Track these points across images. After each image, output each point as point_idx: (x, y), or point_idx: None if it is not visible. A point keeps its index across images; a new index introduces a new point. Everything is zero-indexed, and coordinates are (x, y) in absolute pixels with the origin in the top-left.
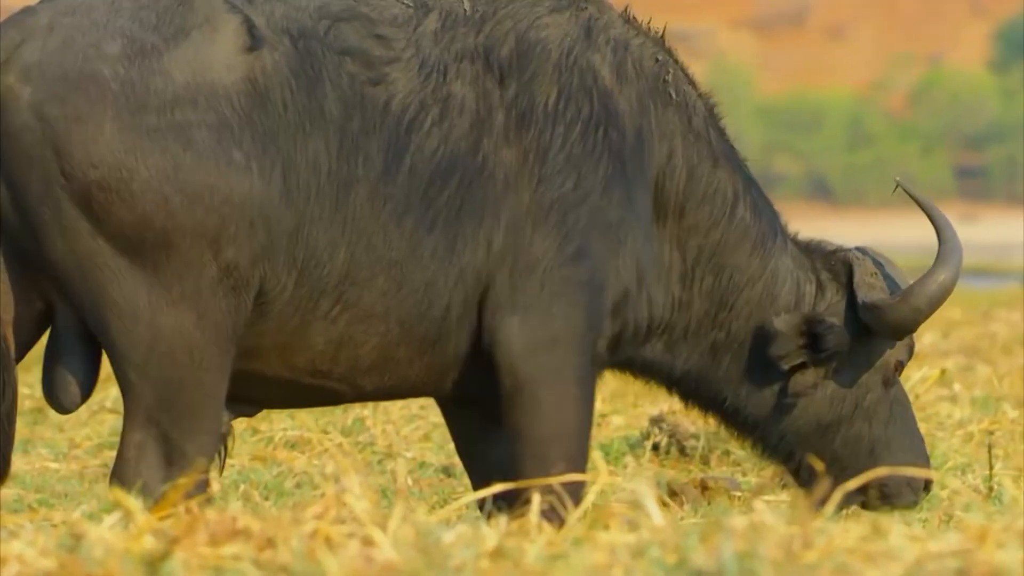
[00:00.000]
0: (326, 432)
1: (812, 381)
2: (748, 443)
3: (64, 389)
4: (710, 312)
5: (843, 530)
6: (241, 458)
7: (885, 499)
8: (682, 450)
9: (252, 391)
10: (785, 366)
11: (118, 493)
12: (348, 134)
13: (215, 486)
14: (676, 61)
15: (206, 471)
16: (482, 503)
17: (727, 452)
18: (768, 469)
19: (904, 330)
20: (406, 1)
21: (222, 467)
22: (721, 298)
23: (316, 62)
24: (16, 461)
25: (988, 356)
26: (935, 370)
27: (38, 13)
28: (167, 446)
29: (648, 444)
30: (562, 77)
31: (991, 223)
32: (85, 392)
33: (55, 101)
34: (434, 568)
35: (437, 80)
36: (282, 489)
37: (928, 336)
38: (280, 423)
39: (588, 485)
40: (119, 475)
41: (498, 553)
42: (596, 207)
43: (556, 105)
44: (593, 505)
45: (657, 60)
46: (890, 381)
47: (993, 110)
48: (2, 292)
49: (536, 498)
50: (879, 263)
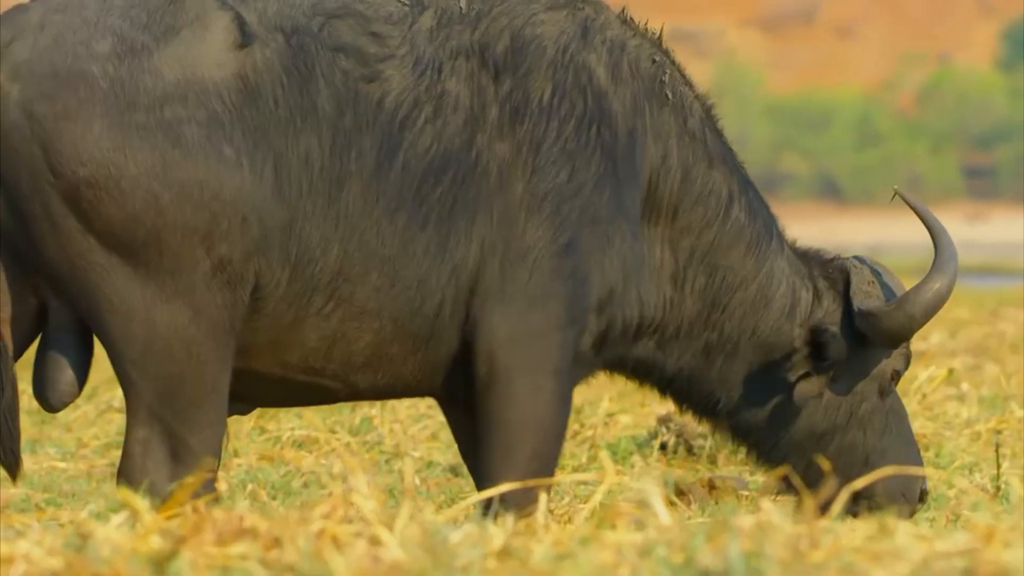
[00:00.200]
0: (333, 431)
1: (816, 389)
2: (743, 449)
3: (52, 387)
4: (702, 312)
5: (850, 529)
6: (248, 457)
7: (879, 509)
8: (689, 449)
9: (246, 389)
10: (791, 377)
11: (125, 492)
12: (341, 130)
13: (222, 485)
14: (673, 62)
15: (213, 470)
16: (488, 503)
17: (735, 452)
18: (777, 469)
19: (899, 338)
20: None
21: (218, 464)
22: (714, 299)
23: (309, 59)
24: (24, 460)
25: (996, 355)
26: (943, 369)
27: (29, 11)
28: (172, 442)
29: (656, 443)
30: (557, 74)
31: (999, 222)
32: (75, 391)
33: (44, 99)
34: (441, 567)
35: (431, 77)
36: (289, 488)
37: (936, 335)
38: (287, 422)
39: (595, 484)
40: (125, 473)
41: (505, 552)
42: (588, 202)
43: (551, 101)
44: (600, 504)
45: (654, 61)
46: (886, 391)
47: (1001, 109)
48: (0, 290)
49: (544, 497)
50: (876, 272)
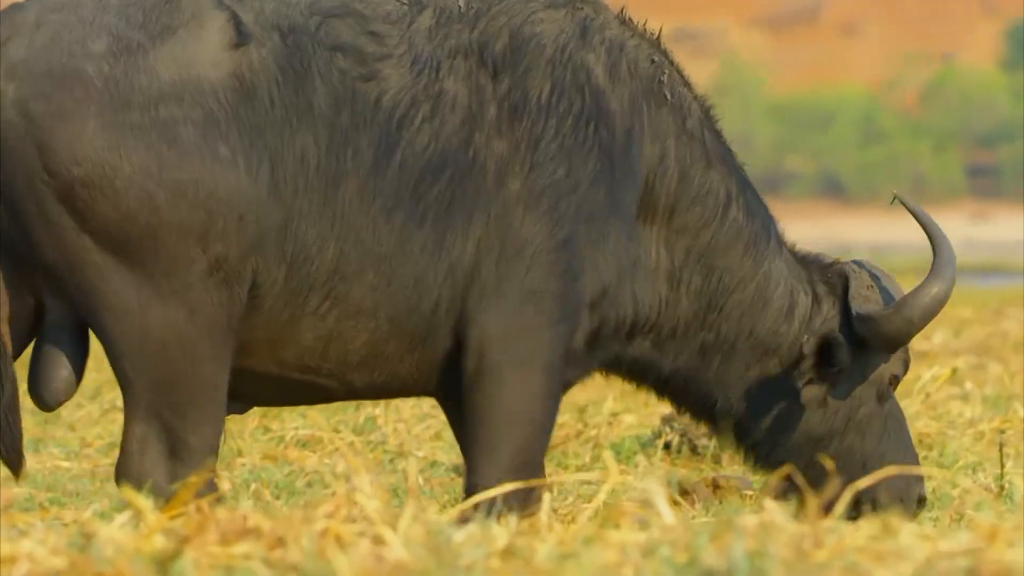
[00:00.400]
0: (337, 431)
1: (822, 395)
2: (740, 452)
3: (47, 386)
4: (699, 313)
5: (853, 529)
6: (252, 457)
7: (876, 513)
8: (694, 449)
9: (242, 387)
10: (795, 381)
11: (128, 492)
12: (337, 129)
13: (226, 485)
14: (672, 63)
15: (213, 468)
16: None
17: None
18: (781, 469)
19: (897, 341)
20: None
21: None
22: (710, 299)
23: (305, 58)
24: (28, 460)
25: (999, 354)
26: (946, 369)
27: (26, 10)
28: (170, 439)
29: (660, 443)
30: (555, 72)
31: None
32: (69, 390)
33: (39, 98)
34: (444, 567)
35: (429, 76)
36: (293, 488)
37: (939, 335)
38: (291, 422)
39: (599, 484)
40: (123, 470)
41: (508, 552)
42: (584, 199)
43: (549, 98)
44: (604, 504)
45: (653, 61)
46: (884, 396)
47: (1004, 109)
48: None
49: (547, 497)
50: (875, 276)
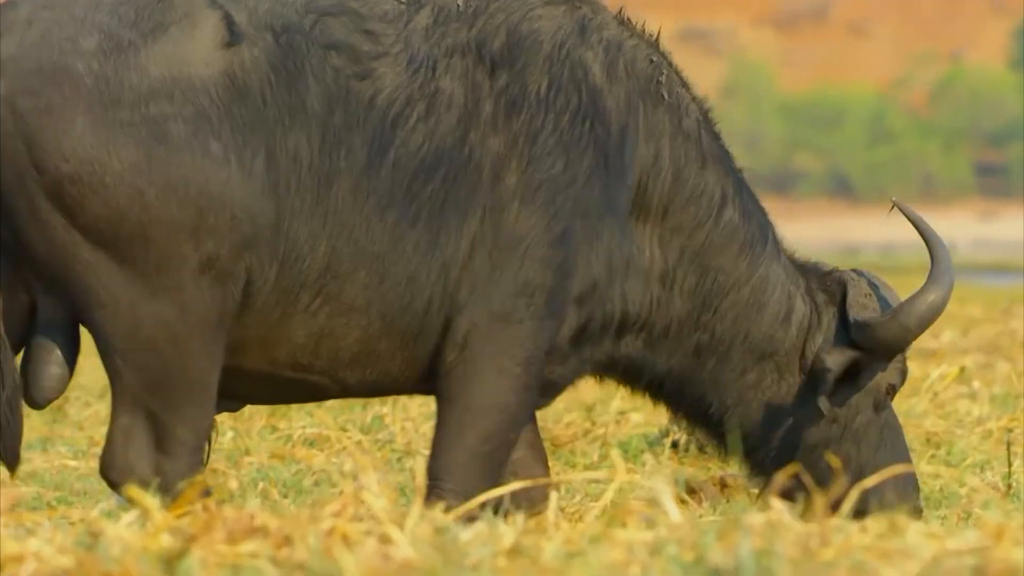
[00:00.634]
0: (345, 430)
1: (826, 407)
2: (735, 458)
3: (36, 384)
4: (692, 313)
5: (860, 528)
6: (260, 456)
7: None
8: (701, 447)
9: (234, 386)
10: (823, 394)
11: (135, 491)
12: (330, 128)
13: (233, 483)
14: (670, 63)
15: (201, 464)
16: (496, 501)
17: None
18: (787, 468)
19: (894, 349)
20: None
21: (207, 460)
22: (704, 300)
23: (299, 57)
24: (35, 459)
25: (1008, 353)
26: (954, 367)
27: (18, 7)
28: (156, 430)
29: (667, 441)
30: (553, 68)
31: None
32: (58, 389)
33: (28, 95)
34: (451, 566)
35: (425, 75)
36: (300, 487)
37: (947, 333)
38: (299, 421)
39: (606, 483)
40: (107, 460)
41: (515, 551)
42: (580, 194)
43: (547, 94)
44: (611, 502)
45: (651, 61)
46: (881, 405)
47: (1013, 107)
48: None
49: (554, 496)
50: (874, 284)
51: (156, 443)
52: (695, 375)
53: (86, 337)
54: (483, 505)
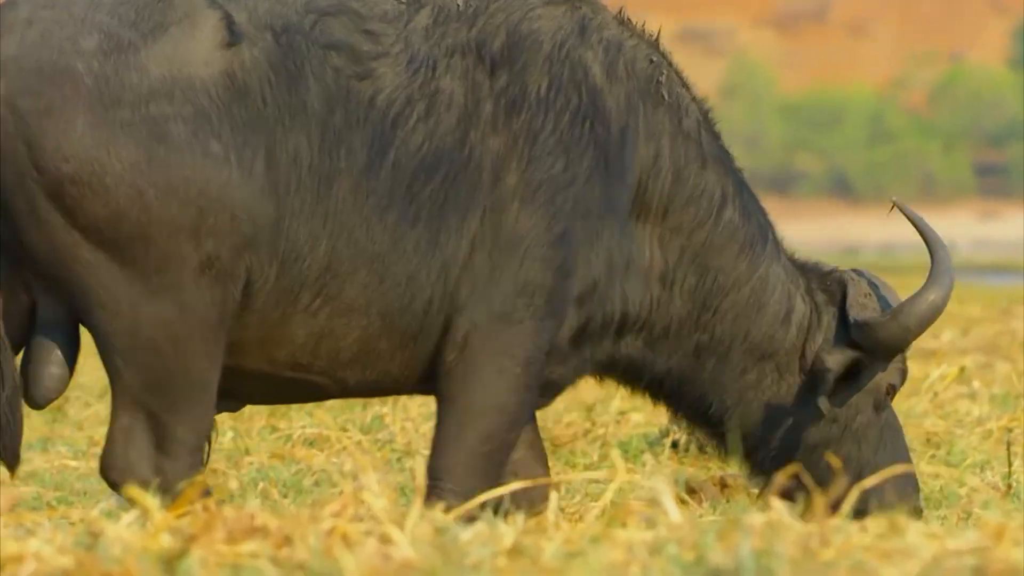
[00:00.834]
0: (345, 430)
1: (827, 407)
2: (736, 458)
3: (36, 384)
4: (692, 313)
5: (860, 528)
6: (260, 456)
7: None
8: (701, 447)
9: (234, 385)
10: (821, 394)
11: (135, 491)
12: (330, 128)
13: (234, 483)
14: (670, 63)
15: (201, 464)
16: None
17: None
18: (787, 468)
19: (894, 349)
20: None
21: (207, 460)
22: (704, 300)
23: (299, 57)
24: (35, 459)
25: (1007, 353)
26: (954, 367)
27: (18, 7)
28: (156, 431)
29: (667, 441)
30: (553, 68)
31: (1011, 220)
32: (59, 389)
33: (28, 95)
34: (451, 566)
35: (425, 75)
36: (300, 487)
37: (947, 333)
38: (299, 421)
39: (606, 483)
40: (107, 461)
41: (515, 551)
42: (580, 194)
43: (547, 94)
44: (611, 502)
45: (651, 61)
46: (881, 405)
47: (1013, 107)
48: None
49: (554, 496)
50: (874, 284)
51: (156, 443)
52: (695, 375)
53: (86, 337)
54: (483, 505)
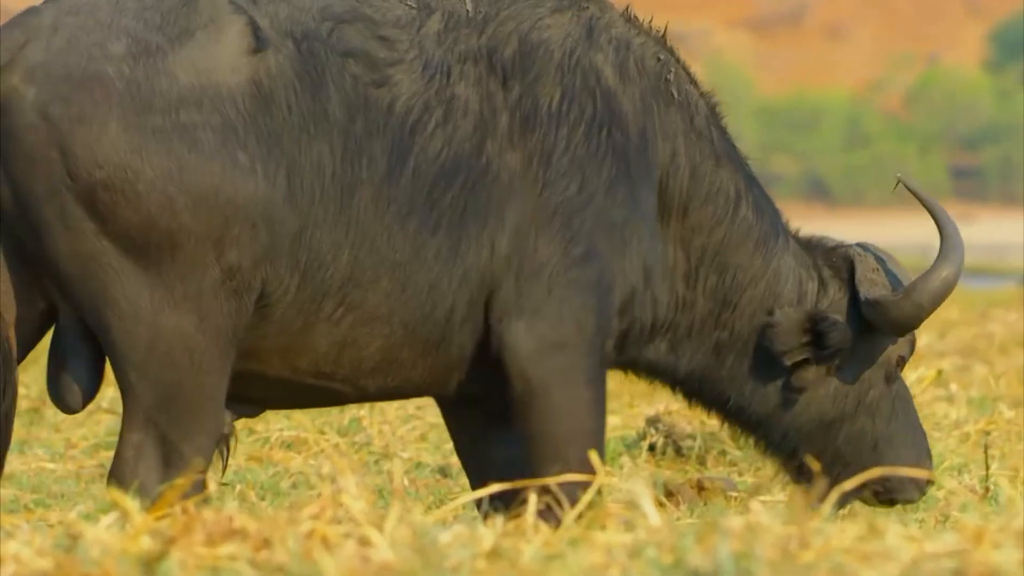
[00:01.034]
0: (322, 432)
1: (813, 377)
2: (751, 441)
3: (69, 389)
4: (713, 311)
5: (840, 530)
6: (237, 458)
7: (887, 494)
8: (678, 450)
9: (254, 392)
10: (788, 362)
11: (115, 493)
12: (352, 136)
13: (211, 486)
14: (677, 60)
15: (203, 471)
16: (479, 503)
17: (723, 452)
18: (765, 469)
19: (907, 326)
20: (409, 2)
21: (224, 467)
22: (724, 297)
23: (320, 64)
24: (12, 461)
25: (985, 356)
26: (932, 370)
27: (42, 13)
28: (165, 447)
29: (644, 444)
30: (565, 78)
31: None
32: (90, 391)
33: (60, 101)
34: (430, 568)
35: (441, 82)
36: (278, 489)
37: (925, 336)
38: (276, 423)
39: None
40: (117, 475)
41: (495, 553)
42: (601, 209)
43: (560, 106)
44: (589, 505)
45: (659, 59)
46: (892, 377)
47: (989, 110)
48: (3, 292)
49: (533, 498)
50: (881, 259)
51: (165, 458)
52: (715, 373)
53: None
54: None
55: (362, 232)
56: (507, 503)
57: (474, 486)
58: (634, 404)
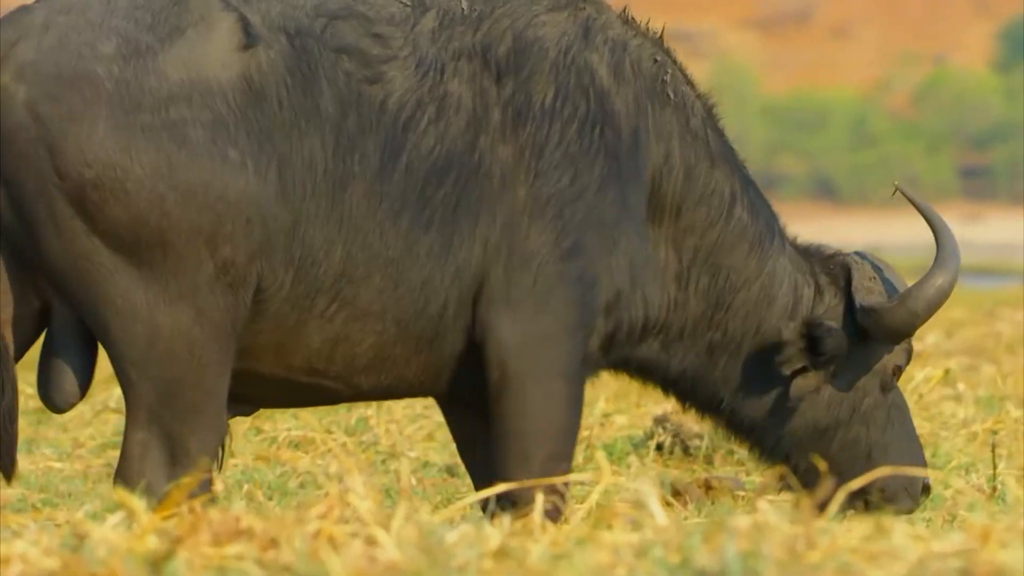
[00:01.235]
0: (330, 432)
1: (814, 384)
2: (745, 445)
3: (58, 388)
4: (706, 312)
5: (846, 530)
6: (245, 458)
7: (882, 504)
8: (686, 450)
9: (249, 390)
10: (786, 371)
11: (121, 493)
12: (344, 132)
13: (219, 485)
14: (674, 62)
15: (210, 470)
16: (485, 503)
17: (731, 452)
18: (773, 469)
19: (901, 334)
20: (404, 0)
21: (221, 465)
22: (717, 298)
23: (312, 60)
24: (20, 461)
25: (992, 355)
26: (939, 370)
27: (34, 12)
28: (170, 444)
29: (652, 444)
30: (559, 76)
31: (995, 223)
32: (80, 392)
33: (49, 100)
34: (437, 568)
35: (434, 79)
36: (286, 489)
37: (932, 336)
38: (284, 423)
39: (592, 485)
40: (123, 474)
41: (501, 553)
42: (592, 204)
43: (553, 103)
44: (597, 505)
45: (655, 61)
46: (888, 386)
47: (997, 110)
48: (1, 291)
49: (540, 498)
50: (878, 267)
51: (171, 456)
52: (708, 374)
53: None
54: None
55: (355, 228)
56: (512, 503)
57: (477, 487)
58: (641, 404)
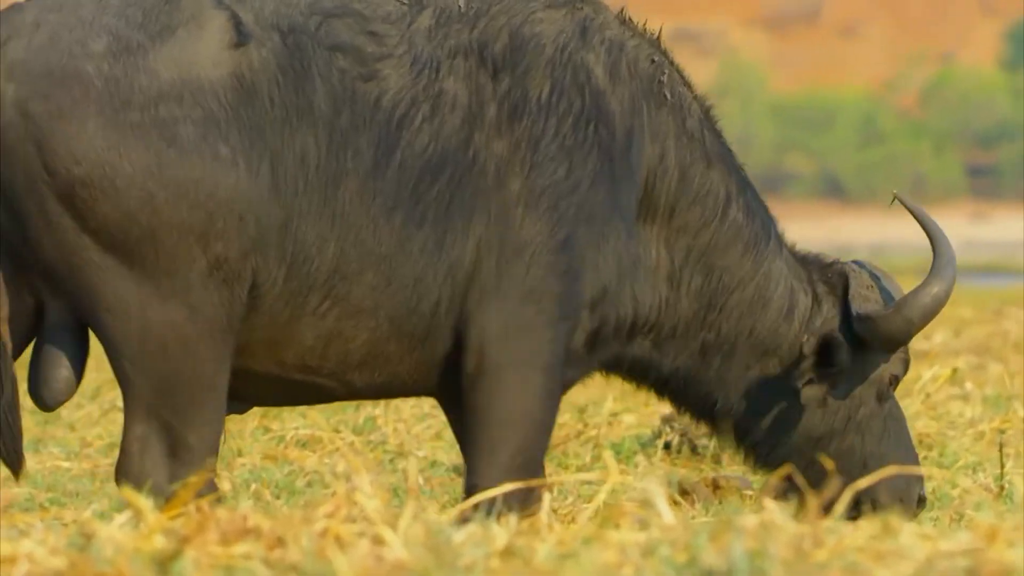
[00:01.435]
0: (337, 431)
1: (821, 395)
2: (739, 452)
3: (47, 386)
4: (699, 313)
5: (853, 529)
6: (252, 457)
7: (875, 513)
8: (694, 449)
9: (242, 387)
10: (795, 382)
11: (128, 492)
12: (337, 129)
13: (226, 485)
14: (672, 62)
15: (213, 468)
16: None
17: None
18: (780, 469)
19: (897, 342)
20: None
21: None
22: (710, 299)
23: (305, 58)
24: (27, 460)
25: (999, 354)
26: (946, 369)
27: (25, 10)
28: (170, 438)
29: (660, 443)
30: (555, 72)
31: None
32: (70, 390)
33: (39, 98)
34: (444, 567)
35: (429, 76)
36: (293, 488)
37: (939, 335)
38: (291, 422)
39: (599, 484)
40: (123, 469)
41: (508, 552)
42: (584, 199)
43: (549, 98)
44: (604, 504)
45: (652, 61)
46: (884, 395)
47: (1004, 109)
48: None
49: (547, 496)
50: (876, 276)
51: (170, 450)
52: (701, 374)
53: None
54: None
55: (347, 225)
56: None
57: (465, 482)
58: (649, 403)
